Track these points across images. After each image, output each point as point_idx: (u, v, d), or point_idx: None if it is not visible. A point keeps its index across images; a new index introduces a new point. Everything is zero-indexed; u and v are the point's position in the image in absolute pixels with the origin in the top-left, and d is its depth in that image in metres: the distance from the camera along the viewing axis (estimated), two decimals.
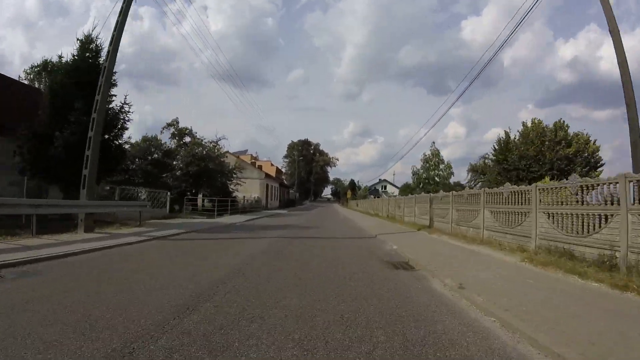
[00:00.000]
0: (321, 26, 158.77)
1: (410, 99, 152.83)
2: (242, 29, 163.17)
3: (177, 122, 26.26)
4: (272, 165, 58.50)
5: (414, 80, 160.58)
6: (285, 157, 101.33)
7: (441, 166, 35.20)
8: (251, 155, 59.15)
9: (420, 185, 33.77)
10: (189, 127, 26.09)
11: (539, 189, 7.25)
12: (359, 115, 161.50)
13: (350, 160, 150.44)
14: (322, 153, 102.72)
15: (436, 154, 35.68)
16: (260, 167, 43.61)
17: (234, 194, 27.30)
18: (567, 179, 6.82)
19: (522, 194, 7.95)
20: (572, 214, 6.13)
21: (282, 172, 65.73)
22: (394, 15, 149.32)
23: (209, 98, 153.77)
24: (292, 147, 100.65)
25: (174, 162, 23.65)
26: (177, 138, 25.60)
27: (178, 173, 23.14)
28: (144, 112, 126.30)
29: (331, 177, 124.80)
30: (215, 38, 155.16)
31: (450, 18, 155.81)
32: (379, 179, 68.71)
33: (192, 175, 22.75)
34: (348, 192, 53.14)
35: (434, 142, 36.96)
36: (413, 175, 36.67)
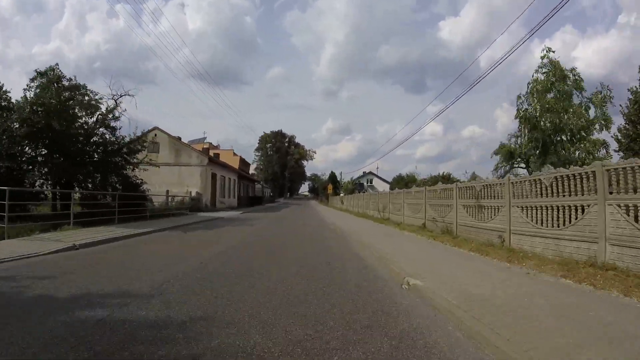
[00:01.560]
0: (300, 25, 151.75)
1: (389, 97, 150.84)
2: (221, 28, 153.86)
3: (54, 69, 15.19)
4: (234, 154, 47.81)
5: (392, 79, 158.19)
6: (257, 149, 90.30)
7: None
8: (210, 143, 48.25)
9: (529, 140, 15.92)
10: (74, 79, 15.19)
11: None
12: (338, 112, 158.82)
13: (328, 157, 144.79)
14: (297, 145, 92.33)
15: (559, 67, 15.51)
16: (215, 155, 32.90)
17: (142, 187, 16.87)
18: None
19: None
20: None
21: (248, 164, 55.11)
22: (374, 14, 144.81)
23: (188, 97, 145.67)
24: (264, 139, 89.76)
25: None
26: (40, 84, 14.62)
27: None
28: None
29: (308, 173, 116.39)
30: (194, 36, 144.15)
31: (430, 18, 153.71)
32: (363, 172, 59.86)
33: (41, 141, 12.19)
34: (329, 186, 43.40)
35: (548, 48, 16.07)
36: (519, 113, 16.38)
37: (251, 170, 76.34)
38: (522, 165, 26.93)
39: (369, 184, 57.69)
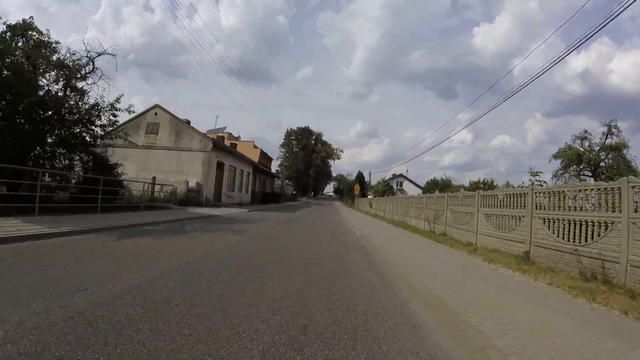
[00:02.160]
0: (333, 26, 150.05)
1: (418, 102, 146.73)
2: (253, 25, 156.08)
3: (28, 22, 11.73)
4: (255, 147, 44.23)
5: (423, 84, 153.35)
6: (282, 145, 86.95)
7: None
8: (229, 133, 45.08)
9: None
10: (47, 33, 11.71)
11: None
12: (366, 115, 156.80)
13: (355, 160, 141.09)
14: (324, 144, 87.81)
15: None
16: (232, 145, 29.23)
17: (118, 170, 13.11)
18: None
19: None
20: None
21: (270, 159, 51.51)
22: (406, 18, 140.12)
23: (217, 93, 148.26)
24: (290, 134, 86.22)
25: None
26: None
27: None
28: (150, 103, 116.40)
29: (334, 174, 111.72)
30: (227, 33, 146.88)
31: (463, 24, 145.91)
32: (393, 175, 54.21)
33: None
34: (356, 186, 38.36)
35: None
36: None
37: (274, 167, 73.34)
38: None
39: (398, 187, 52.08)
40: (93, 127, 11.53)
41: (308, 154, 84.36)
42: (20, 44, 11.26)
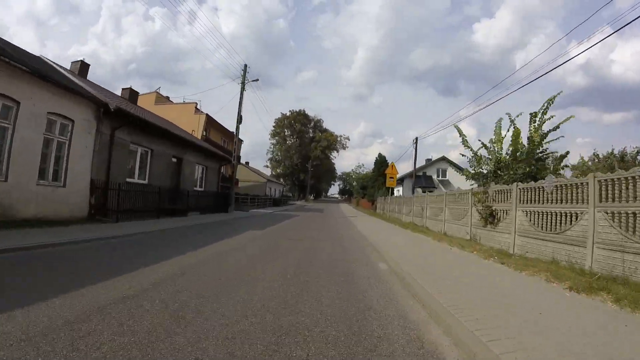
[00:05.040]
0: (332, 28, 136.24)
1: (421, 101, 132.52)
2: (253, 30, 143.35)
3: None
4: (198, 111, 25.95)
5: (425, 82, 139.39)
6: (273, 135, 68.76)
7: None
8: (157, 92, 27.42)
9: None
10: None
11: None
12: (369, 116, 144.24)
13: (360, 160, 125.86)
14: (325, 131, 69.56)
15: None
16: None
17: None
18: None
19: None
20: None
21: (229, 133, 33.53)
22: (406, 17, 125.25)
23: (220, 98, 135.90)
24: (282, 121, 68.12)
25: None
26: None
27: None
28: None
29: (339, 172, 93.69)
30: (227, 39, 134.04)
31: (464, 20, 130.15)
32: (427, 160, 36.00)
33: None
34: (391, 168, 18.46)
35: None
36: None
37: (263, 163, 55.34)
38: None
39: (440, 176, 33.76)
40: None
41: (305, 145, 66.42)
42: None
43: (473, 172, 8.94)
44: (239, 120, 17.16)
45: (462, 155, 9.28)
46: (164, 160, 12.87)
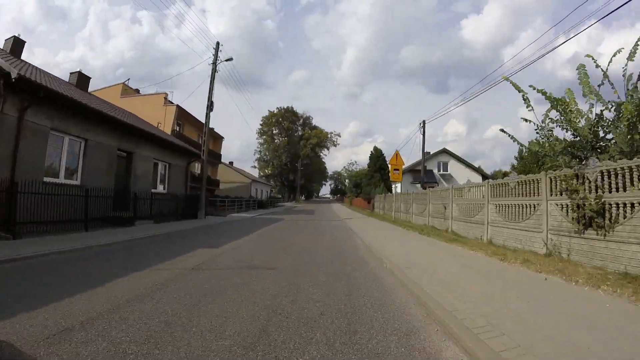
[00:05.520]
0: (321, 28, 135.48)
1: (412, 98, 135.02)
2: (242, 32, 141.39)
3: None
4: (168, 102, 22.71)
5: (415, 80, 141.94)
6: (260, 134, 65.44)
7: None
8: (123, 84, 24.04)
9: None
10: None
11: None
12: (360, 115, 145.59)
13: (350, 160, 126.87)
14: (315, 128, 66.56)
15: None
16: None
17: None
18: None
19: None
20: None
21: (200, 124, 30.48)
22: (396, 15, 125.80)
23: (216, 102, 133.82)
24: (269, 119, 64.77)
25: None
26: None
27: None
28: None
29: (330, 172, 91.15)
30: (217, 40, 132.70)
31: (452, 17, 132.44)
32: (428, 153, 33.40)
33: None
34: (395, 158, 15.74)
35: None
36: None
37: (251, 163, 52.09)
38: None
39: (441, 170, 31.30)
40: None
41: (294, 143, 63.33)
42: None
43: (557, 142, 5.69)
44: (210, 106, 14.16)
45: (526, 120, 5.84)
46: (105, 155, 9.78)
